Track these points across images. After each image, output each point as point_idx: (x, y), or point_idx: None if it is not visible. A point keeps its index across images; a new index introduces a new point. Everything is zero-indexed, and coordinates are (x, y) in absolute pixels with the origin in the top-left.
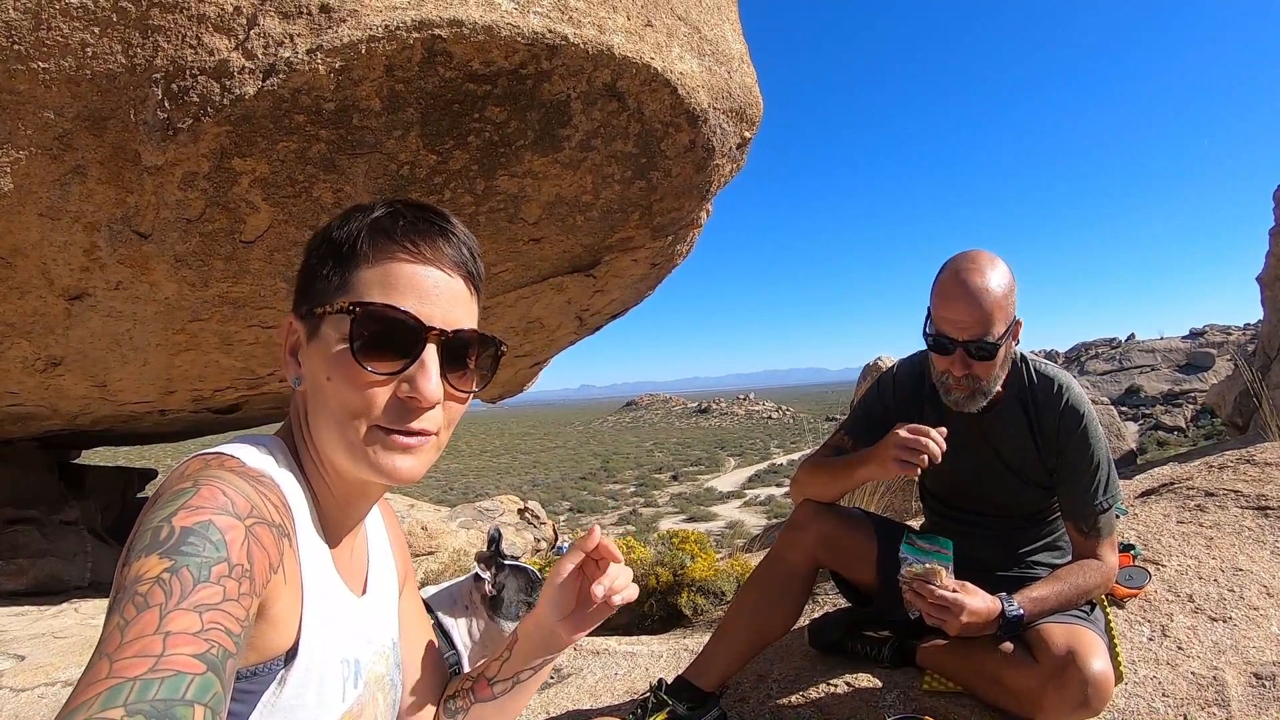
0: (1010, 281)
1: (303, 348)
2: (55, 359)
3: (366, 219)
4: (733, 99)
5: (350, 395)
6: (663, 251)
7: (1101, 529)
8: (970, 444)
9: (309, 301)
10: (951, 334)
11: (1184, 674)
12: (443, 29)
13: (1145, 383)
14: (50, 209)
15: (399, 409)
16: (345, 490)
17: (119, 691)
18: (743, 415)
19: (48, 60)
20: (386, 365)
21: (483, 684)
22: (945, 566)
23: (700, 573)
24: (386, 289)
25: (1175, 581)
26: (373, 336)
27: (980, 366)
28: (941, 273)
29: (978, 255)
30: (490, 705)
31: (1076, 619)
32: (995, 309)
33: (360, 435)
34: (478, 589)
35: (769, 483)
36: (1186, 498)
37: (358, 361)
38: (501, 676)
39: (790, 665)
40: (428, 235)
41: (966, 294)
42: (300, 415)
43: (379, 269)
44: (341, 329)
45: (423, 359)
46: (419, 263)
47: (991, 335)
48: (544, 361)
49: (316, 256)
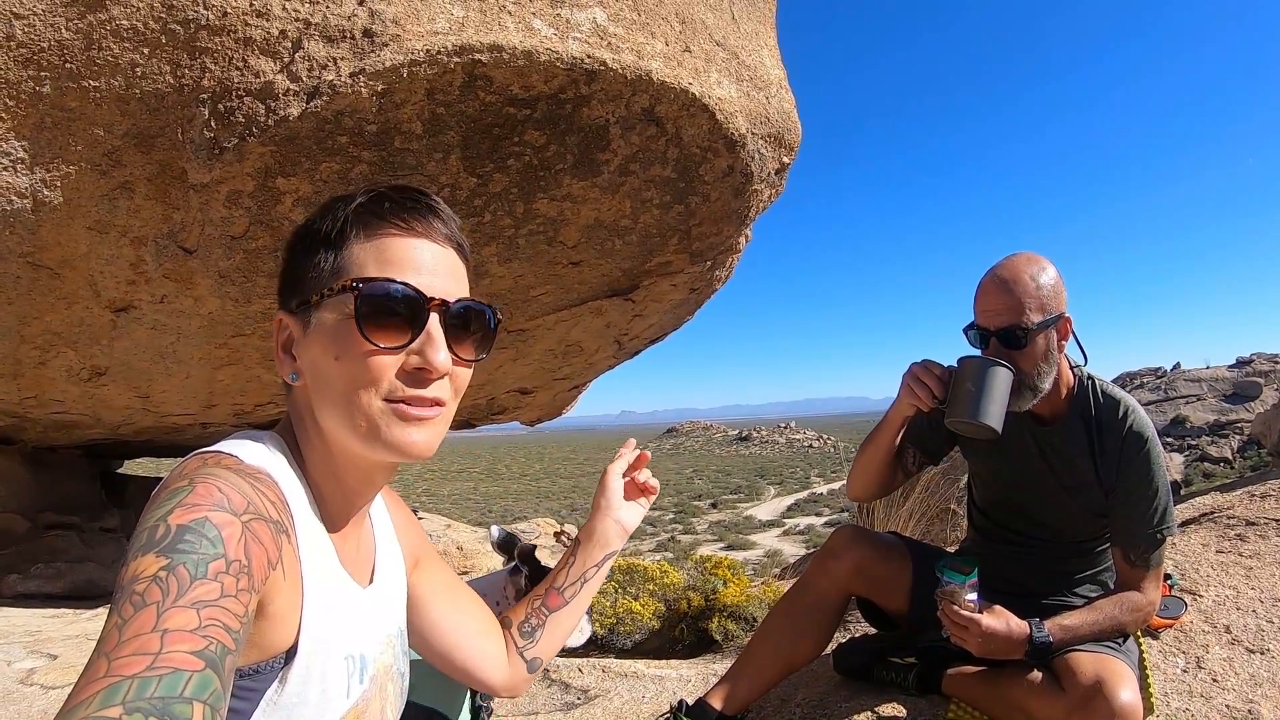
0: (1050, 274)
1: (298, 341)
2: (100, 369)
3: (350, 205)
4: (771, 124)
5: (360, 371)
6: (701, 276)
7: (1151, 560)
8: (1027, 457)
9: (300, 294)
10: (985, 324)
11: (1218, 706)
12: (483, 54)
13: (1191, 413)
14: (98, 223)
15: (409, 380)
16: (353, 478)
17: (117, 690)
18: (783, 444)
19: (98, 79)
20: (394, 338)
21: (553, 595)
22: (964, 586)
23: (732, 598)
24: (383, 265)
25: (1212, 612)
26: (378, 311)
27: (1017, 356)
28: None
29: (1017, 253)
30: (562, 612)
31: (1107, 648)
32: (1026, 296)
33: (373, 410)
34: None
35: (808, 512)
36: (1227, 526)
37: (365, 336)
38: (569, 581)
39: (814, 690)
40: (415, 211)
41: (997, 283)
42: (301, 409)
43: (372, 247)
44: (344, 309)
45: (428, 330)
46: (412, 237)
47: (1024, 322)
48: (583, 385)
49: (302, 249)
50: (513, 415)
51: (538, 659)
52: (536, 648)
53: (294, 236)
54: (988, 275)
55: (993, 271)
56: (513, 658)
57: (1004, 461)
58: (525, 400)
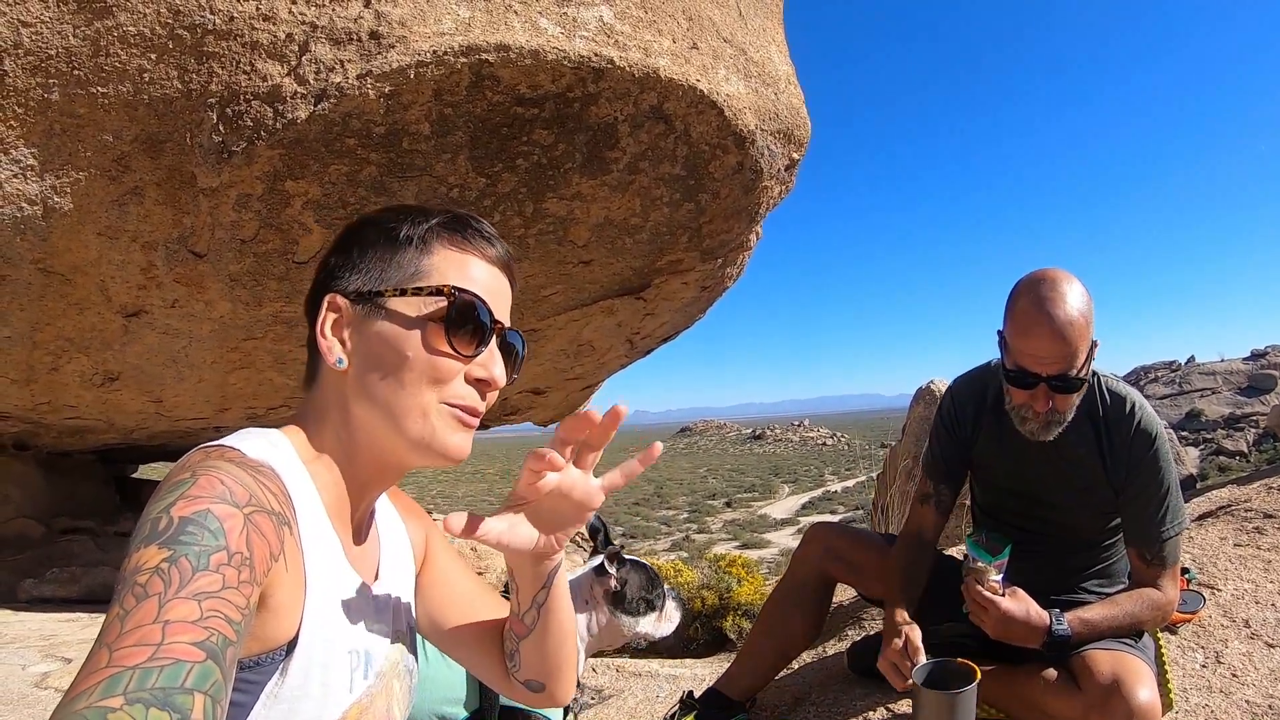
0: (1089, 304)
1: (353, 325)
2: (112, 374)
3: (434, 218)
4: (780, 120)
5: (432, 369)
6: (712, 274)
7: (1166, 557)
8: (1034, 459)
9: (370, 282)
10: (1034, 369)
11: (1238, 702)
12: (490, 54)
13: (1206, 406)
14: (109, 228)
15: (469, 390)
16: (369, 472)
17: (118, 680)
18: (797, 442)
19: (106, 85)
20: (468, 348)
21: (515, 623)
22: (991, 566)
23: (746, 596)
24: (466, 280)
25: (1231, 606)
26: (464, 320)
27: (1062, 400)
28: (1018, 300)
29: (1055, 278)
30: (532, 639)
31: (1124, 646)
32: (1080, 340)
33: (433, 408)
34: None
35: (823, 510)
36: (1244, 519)
37: (449, 339)
38: (523, 609)
39: (829, 688)
40: (490, 240)
41: (1052, 327)
42: (331, 398)
43: (458, 260)
44: (426, 308)
45: (492, 348)
46: (487, 261)
47: (1075, 368)
48: (595, 385)
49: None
50: (526, 416)
51: (534, 681)
52: (522, 671)
53: (361, 226)
54: (1034, 310)
55: (1042, 307)
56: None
57: (1010, 464)
58: (538, 400)
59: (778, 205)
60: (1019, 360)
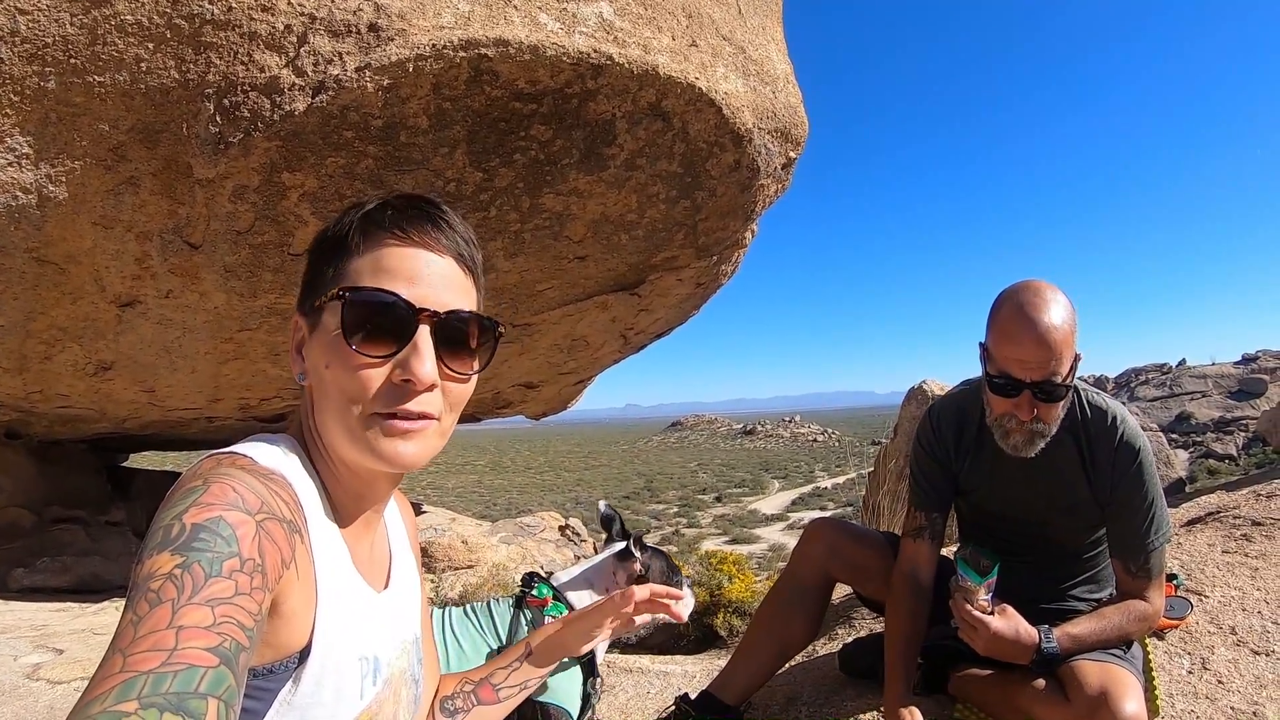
0: (1074, 315)
1: (306, 342)
2: (105, 364)
3: (359, 212)
4: (778, 119)
5: (346, 380)
6: (707, 271)
7: (1151, 569)
8: (1018, 477)
9: (311, 297)
10: (1018, 375)
11: (1223, 708)
12: (489, 48)
13: (1196, 409)
14: (104, 218)
15: (394, 393)
16: (354, 482)
17: (132, 685)
18: (788, 438)
19: (103, 74)
20: (379, 349)
21: (487, 689)
22: (980, 586)
23: (737, 594)
24: (377, 274)
25: (1218, 613)
26: (364, 320)
27: (1046, 409)
28: (1001, 308)
29: (1039, 287)
30: (491, 708)
31: (1112, 657)
32: (1063, 346)
33: (358, 421)
34: (624, 568)
35: (813, 506)
36: (1232, 526)
37: (349, 345)
38: (509, 684)
39: (821, 689)
40: (416, 221)
41: (1034, 332)
42: (308, 410)
43: (369, 256)
44: (336, 317)
45: (415, 341)
46: (407, 246)
47: (1059, 375)
48: (588, 379)
49: (317, 254)
50: (518, 409)
51: None
52: None
53: (314, 241)
54: (1016, 316)
55: (1024, 313)
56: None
57: (994, 484)
58: (530, 394)
59: (774, 203)
60: (1003, 365)
